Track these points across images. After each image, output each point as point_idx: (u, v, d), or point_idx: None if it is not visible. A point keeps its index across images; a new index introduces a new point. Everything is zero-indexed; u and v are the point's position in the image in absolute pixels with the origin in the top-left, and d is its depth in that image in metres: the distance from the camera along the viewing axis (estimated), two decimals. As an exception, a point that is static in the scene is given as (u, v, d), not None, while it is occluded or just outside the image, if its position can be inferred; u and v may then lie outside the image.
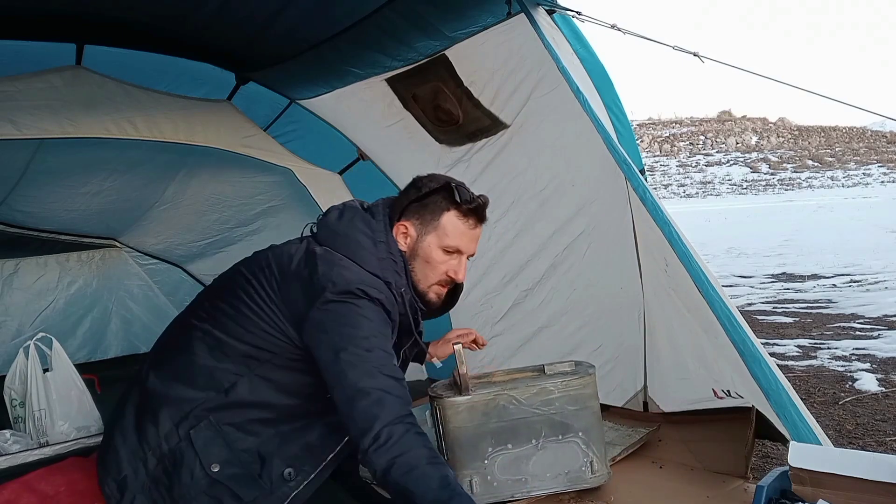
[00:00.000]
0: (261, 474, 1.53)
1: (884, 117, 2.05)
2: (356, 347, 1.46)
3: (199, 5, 2.30)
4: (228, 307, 1.62)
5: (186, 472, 1.50)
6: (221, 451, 1.52)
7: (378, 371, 1.45)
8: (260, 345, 1.56)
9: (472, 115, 2.61)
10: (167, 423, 1.53)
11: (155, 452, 1.53)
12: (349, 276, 1.54)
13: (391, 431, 1.37)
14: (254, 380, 1.55)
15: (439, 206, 1.69)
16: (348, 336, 1.47)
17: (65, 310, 3.84)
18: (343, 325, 1.48)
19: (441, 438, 1.94)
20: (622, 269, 2.52)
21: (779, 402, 1.61)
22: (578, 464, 1.92)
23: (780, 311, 6.09)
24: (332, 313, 1.49)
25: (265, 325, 1.56)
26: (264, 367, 1.56)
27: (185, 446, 1.51)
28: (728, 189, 66.83)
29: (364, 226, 1.65)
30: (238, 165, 3.14)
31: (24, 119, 2.40)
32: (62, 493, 1.89)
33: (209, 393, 1.54)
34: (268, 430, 1.55)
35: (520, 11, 2.06)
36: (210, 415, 1.53)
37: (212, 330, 1.60)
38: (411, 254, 1.68)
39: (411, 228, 1.68)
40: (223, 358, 1.57)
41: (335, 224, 1.67)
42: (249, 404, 1.55)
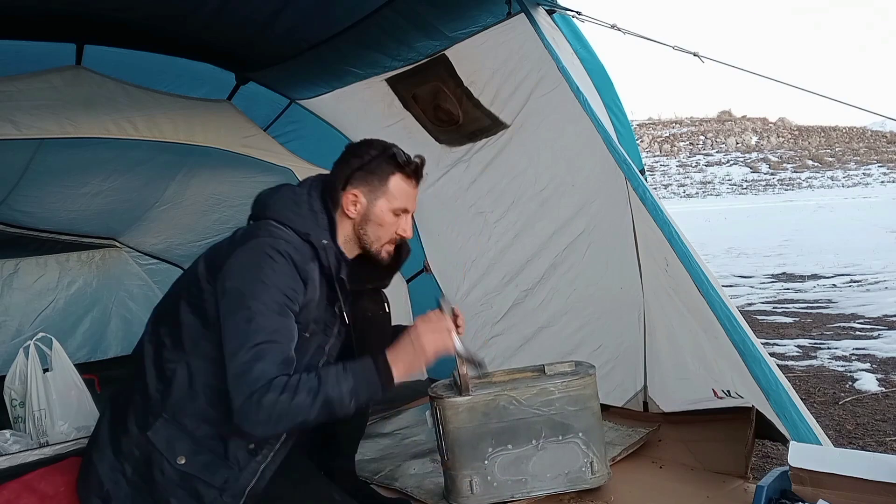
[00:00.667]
0: (226, 455, 1.56)
1: (884, 117, 2.05)
2: (238, 319, 1.49)
3: (199, 5, 2.30)
4: (168, 301, 1.68)
5: (157, 471, 1.54)
6: (185, 443, 1.54)
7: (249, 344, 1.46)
8: (191, 321, 1.58)
9: (472, 115, 2.61)
10: (134, 429, 1.57)
11: (130, 461, 1.56)
12: (258, 234, 1.61)
13: (249, 405, 1.42)
14: (192, 360, 1.57)
15: (385, 171, 1.75)
16: (236, 304, 1.50)
17: (65, 310, 3.84)
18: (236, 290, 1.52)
19: (441, 438, 1.94)
20: (622, 269, 2.52)
21: (779, 402, 1.61)
22: (578, 464, 1.92)
23: (780, 311, 6.08)
24: (236, 263, 1.55)
25: (195, 298, 1.59)
26: (199, 343, 1.57)
27: (151, 448, 1.54)
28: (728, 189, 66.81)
29: (288, 192, 1.75)
30: (238, 165, 3.13)
31: (24, 119, 2.40)
32: (62, 493, 1.89)
33: (158, 387, 1.57)
34: (220, 411, 1.55)
35: (520, 11, 2.06)
36: (163, 411, 1.55)
37: (156, 328, 1.65)
38: (363, 219, 1.74)
39: (360, 196, 1.74)
40: (164, 348, 1.60)
41: (264, 197, 1.77)
42: (195, 389, 1.56)
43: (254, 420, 1.43)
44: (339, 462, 2.08)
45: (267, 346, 1.47)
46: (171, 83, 2.90)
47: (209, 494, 1.55)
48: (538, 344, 2.87)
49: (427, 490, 2.09)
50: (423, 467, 2.27)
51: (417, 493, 2.08)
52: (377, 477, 2.25)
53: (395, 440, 2.63)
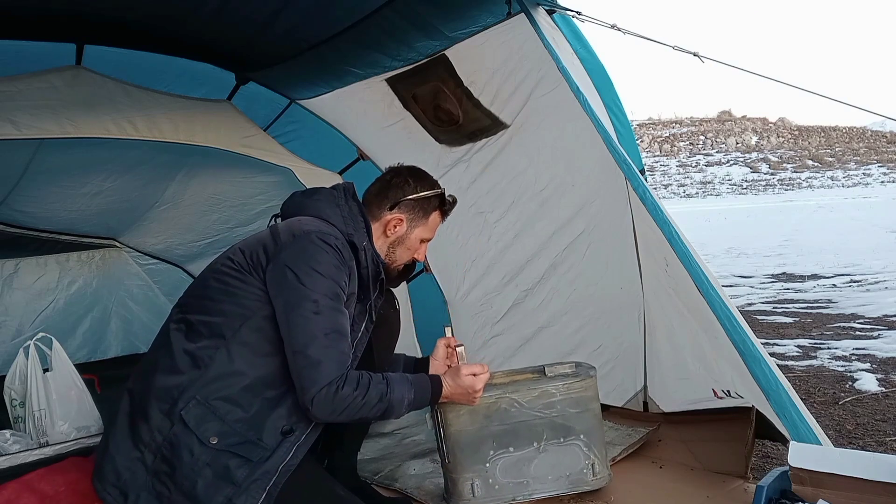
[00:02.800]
0: (260, 438, 1.58)
1: (884, 117, 2.05)
2: (304, 310, 1.57)
3: (199, 5, 2.30)
4: (199, 291, 1.72)
5: (185, 451, 1.53)
6: (215, 425, 1.55)
7: (321, 335, 1.56)
8: (232, 311, 1.62)
9: (472, 115, 2.61)
10: (157, 415, 1.57)
11: (150, 448, 1.56)
12: (305, 227, 1.69)
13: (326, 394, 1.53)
14: (231, 347, 1.59)
15: (431, 206, 1.93)
16: (300, 294, 1.58)
17: (65, 310, 3.83)
18: (305, 262, 1.60)
19: (442, 441, 1.94)
20: (622, 269, 2.52)
21: (779, 402, 1.61)
22: (580, 466, 1.92)
23: (780, 311, 6.08)
24: (294, 252, 1.62)
25: (234, 289, 1.64)
26: (240, 333, 1.60)
27: (180, 429, 1.55)
28: (728, 189, 66.79)
29: (327, 194, 1.84)
30: (238, 165, 3.13)
31: (24, 119, 2.39)
32: (62, 493, 1.89)
33: (192, 373, 1.58)
34: (256, 398, 1.59)
35: (520, 11, 2.06)
36: (196, 393, 1.56)
37: (185, 317, 1.68)
38: (398, 241, 1.89)
39: (404, 221, 1.89)
40: (199, 338, 1.62)
41: (299, 198, 1.87)
42: (231, 374, 1.58)
43: (326, 409, 1.55)
44: (341, 459, 2.08)
45: (335, 338, 1.59)
46: (171, 83, 2.90)
47: (240, 473, 1.54)
48: (538, 344, 2.86)
49: (427, 490, 2.09)
50: (423, 467, 2.27)
51: (417, 493, 2.08)
52: (377, 477, 2.25)
53: (395, 440, 2.63)
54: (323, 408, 1.54)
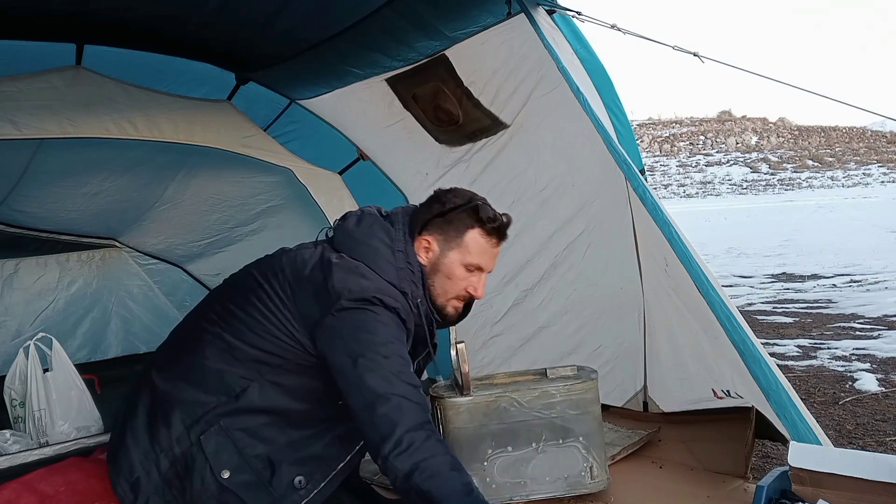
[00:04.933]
0: (271, 481, 1.53)
1: (884, 117, 2.05)
2: (374, 353, 1.45)
3: (200, 5, 2.30)
4: (239, 311, 1.61)
5: (197, 477, 1.51)
6: (232, 458, 1.51)
7: (397, 377, 1.44)
8: (271, 350, 1.56)
9: (472, 115, 2.61)
10: (179, 426, 1.53)
11: (167, 455, 1.53)
12: (365, 284, 1.53)
13: (413, 437, 1.36)
14: (265, 385, 1.55)
15: (464, 223, 1.66)
16: (366, 342, 1.47)
17: (65, 310, 3.84)
18: (360, 331, 1.48)
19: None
20: (622, 269, 2.52)
21: (779, 402, 1.61)
22: (578, 468, 1.92)
23: (780, 311, 6.08)
24: (349, 319, 1.49)
25: (277, 330, 1.56)
26: (275, 371, 1.56)
27: (196, 451, 1.51)
28: (728, 189, 66.82)
29: (383, 234, 1.64)
30: (238, 165, 3.13)
31: (24, 119, 2.39)
32: (62, 493, 1.89)
33: (220, 397, 1.54)
34: (279, 436, 1.55)
35: (520, 11, 2.06)
36: (220, 420, 1.52)
37: (222, 333, 1.59)
38: (432, 268, 1.67)
39: (434, 244, 1.67)
40: (234, 362, 1.56)
41: (353, 230, 1.66)
42: (260, 410, 1.55)
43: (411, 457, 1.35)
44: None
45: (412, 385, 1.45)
46: (171, 83, 2.90)
47: None
48: (538, 344, 2.86)
49: (427, 490, 2.09)
50: (423, 467, 2.27)
51: (417, 493, 2.08)
52: (377, 477, 2.25)
53: (395, 440, 2.63)
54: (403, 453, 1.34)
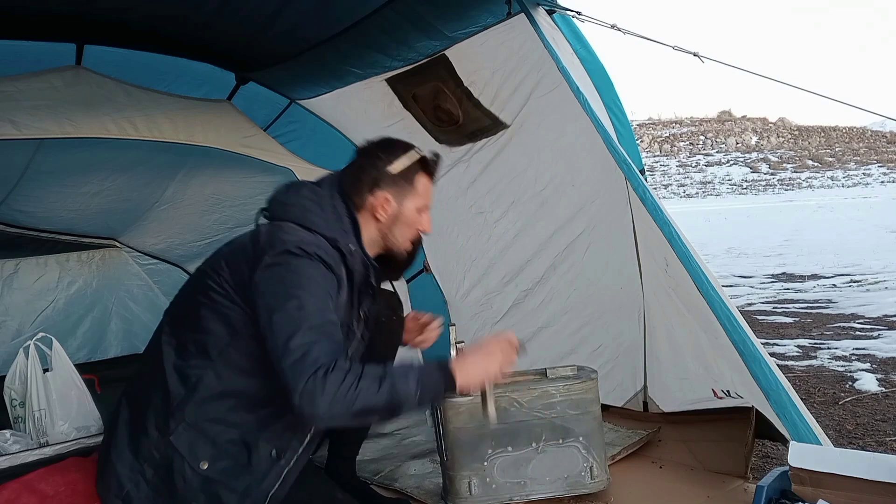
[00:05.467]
0: (250, 461, 1.55)
1: (884, 117, 2.05)
2: (287, 308, 1.46)
3: (200, 5, 2.30)
4: (186, 308, 1.66)
5: (178, 476, 1.52)
6: (207, 449, 1.53)
7: (305, 327, 1.43)
8: (216, 329, 1.56)
9: (472, 115, 2.61)
10: (154, 432, 1.55)
11: (150, 462, 1.55)
12: (286, 237, 1.56)
13: (314, 383, 1.37)
14: (219, 368, 1.55)
15: (412, 172, 1.75)
16: (282, 296, 1.47)
17: (65, 310, 3.83)
18: (278, 285, 1.50)
19: (441, 438, 1.94)
20: (622, 269, 2.52)
21: (779, 402, 1.61)
22: (578, 469, 1.92)
23: (780, 311, 6.08)
24: (269, 275, 1.52)
25: (220, 307, 1.57)
26: (226, 351, 1.56)
27: (171, 451, 1.53)
28: (728, 189, 66.81)
29: (310, 192, 1.71)
30: (238, 165, 3.13)
31: (24, 119, 2.39)
32: (62, 494, 1.89)
33: (182, 394, 1.55)
34: (246, 417, 1.56)
35: (520, 11, 2.06)
36: (186, 416, 1.54)
37: (174, 331, 1.64)
38: (393, 220, 1.73)
39: (391, 199, 1.72)
40: (188, 356, 1.58)
41: (282, 196, 1.73)
42: (221, 395, 1.55)
43: (318, 401, 1.35)
44: (340, 462, 2.08)
45: (323, 331, 1.44)
46: (171, 83, 2.90)
47: (231, 499, 1.53)
48: (538, 344, 2.86)
49: (427, 490, 2.09)
50: (422, 468, 2.27)
51: (417, 493, 2.08)
52: (377, 477, 2.25)
53: (395, 440, 2.63)
54: (314, 400, 1.35)
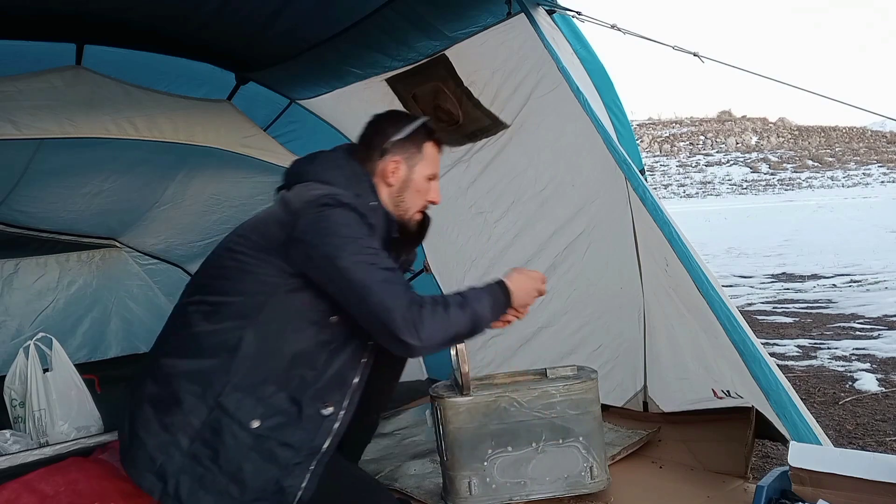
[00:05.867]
0: (300, 417, 1.55)
1: (884, 117, 2.05)
2: (348, 251, 1.52)
3: (199, 5, 2.30)
4: (214, 272, 1.66)
5: (229, 436, 1.50)
6: (256, 408, 1.52)
7: (376, 266, 1.52)
8: (253, 290, 1.57)
9: (472, 115, 2.61)
10: (190, 399, 1.52)
11: (185, 432, 1.51)
12: (318, 192, 1.62)
13: (412, 314, 1.48)
14: (258, 328, 1.55)
15: (420, 139, 1.82)
16: (336, 243, 1.53)
17: (65, 310, 3.83)
18: (327, 235, 1.54)
19: (441, 439, 1.94)
20: (622, 269, 2.52)
21: (779, 402, 1.61)
22: (578, 469, 1.92)
23: (780, 311, 6.08)
24: (314, 228, 1.55)
25: (252, 267, 1.58)
26: (264, 312, 1.56)
27: (219, 414, 1.50)
28: (728, 189, 66.84)
29: (326, 157, 1.80)
30: (238, 165, 3.13)
31: (24, 119, 2.39)
32: (62, 493, 1.89)
33: (222, 357, 1.54)
34: (291, 375, 1.55)
35: (520, 11, 2.06)
36: (232, 377, 1.52)
37: (204, 298, 1.62)
38: (402, 185, 1.80)
39: (402, 163, 1.80)
40: (222, 319, 1.57)
41: (300, 165, 1.82)
42: (264, 353, 1.55)
43: (419, 331, 1.47)
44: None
45: (389, 268, 1.53)
46: (171, 83, 2.90)
47: (286, 454, 1.52)
48: (538, 344, 2.86)
49: (427, 490, 2.09)
50: (422, 468, 2.27)
51: (417, 493, 2.08)
52: (377, 477, 2.25)
53: (395, 440, 2.63)
54: (414, 331, 1.46)
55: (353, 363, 1.66)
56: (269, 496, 1.51)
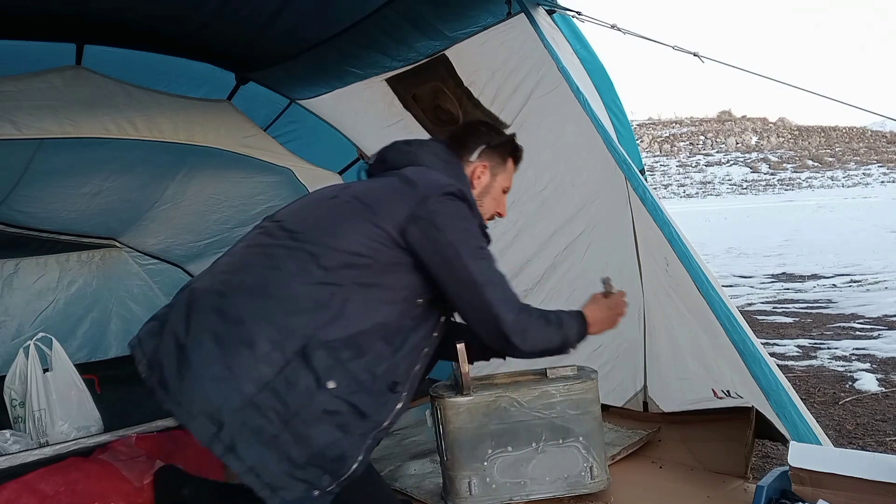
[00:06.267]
0: (373, 388, 1.52)
1: (884, 117, 2.05)
2: (471, 245, 1.58)
3: (199, 5, 2.30)
4: (316, 223, 1.62)
5: (303, 391, 1.44)
6: (335, 369, 1.47)
7: (493, 266, 1.59)
8: (358, 250, 1.54)
9: (472, 115, 2.61)
10: (265, 346, 1.44)
11: (252, 378, 1.42)
12: (445, 180, 1.66)
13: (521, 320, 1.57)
14: (356, 291, 1.53)
15: (506, 152, 1.88)
16: (462, 236, 1.58)
17: (65, 310, 3.84)
18: (456, 224, 1.58)
19: (441, 439, 1.94)
20: (622, 269, 2.52)
21: (779, 402, 1.61)
22: (578, 469, 1.92)
23: (780, 311, 6.08)
24: (442, 212, 1.58)
25: (362, 230, 1.56)
26: (365, 274, 1.54)
27: (298, 366, 1.45)
28: (728, 189, 66.84)
29: (429, 148, 1.81)
30: (238, 165, 3.13)
31: (24, 119, 2.39)
32: (62, 494, 1.89)
33: (314, 312, 1.49)
34: (372, 345, 1.53)
35: (520, 11, 2.06)
36: (319, 333, 1.47)
37: (301, 246, 1.57)
38: (483, 191, 1.85)
39: (487, 169, 1.85)
40: (320, 272, 1.53)
41: (406, 147, 1.81)
42: (352, 317, 1.51)
43: (526, 336, 1.57)
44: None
45: (501, 272, 1.60)
46: (171, 83, 2.90)
47: (352, 423, 1.49)
48: (538, 344, 2.86)
49: (427, 490, 2.09)
50: (422, 468, 2.27)
51: (417, 493, 2.08)
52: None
53: (395, 440, 2.63)
54: (522, 335, 1.56)
55: (419, 349, 1.66)
56: (326, 463, 1.45)
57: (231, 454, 1.40)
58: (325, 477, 1.45)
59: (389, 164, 1.77)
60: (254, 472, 1.40)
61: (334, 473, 1.47)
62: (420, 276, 1.59)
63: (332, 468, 1.46)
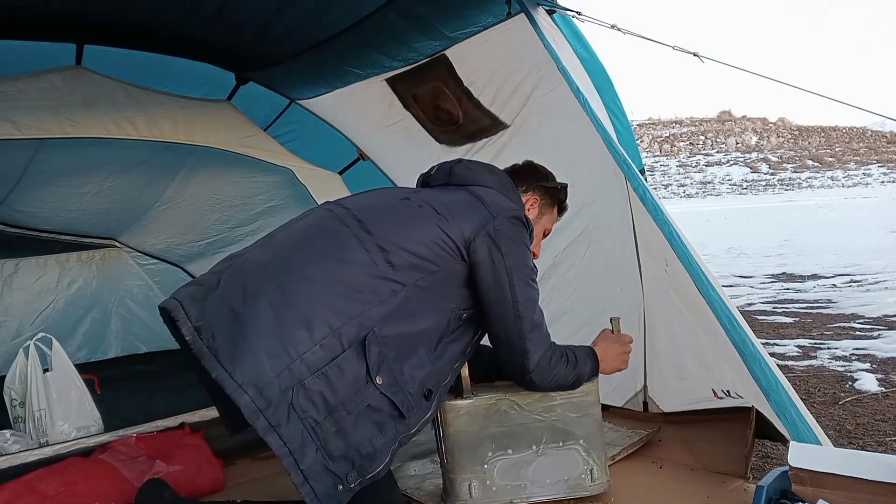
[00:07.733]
0: (410, 392, 1.53)
1: (884, 117, 2.05)
2: (526, 276, 1.66)
3: (200, 5, 2.30)
4: (389, 218, 1.65)
5: (352, 382, 1.44)
6: (383, 365, 1.48)
7: (536, 298, 1.68)
8: (426, 255, 1.58)
9: (472, 115, 2.61)
10: (323, 329, 1.43)
11: (305, 360, 1.41)
12: (509, 205, 1.74)
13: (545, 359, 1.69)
14: (416, 292, 1.56)
15: (555, 198, 2.00)
16: (520, 261, 1.65)
17: (65, 310, 3.83)
18: (516, 245, 1.67)
19: (441, 441, 1.94)
20: (622, 269, 2.52)
21: (779, 402, 1.60)
22: (578, 471, 1.92)
23: (780, 311, 6.08)
24: (508, 233, 1.66)
25: (432, 234, 1.61)
26: (427, 278, 1.58)
27: (353, 356, 1.44)
28: (728, 189, 66.86)
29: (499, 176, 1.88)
30: (238, 165, 3.13)
31: (24, 119, 2.39)
32: (62, 494, 1.89)
33: (375, 305, 1.49)
34: (416, 348, 1.56)
35: (520, 11, 2.06)
36: (375, 326, 1.48)
37: (370, 237, 1.58)
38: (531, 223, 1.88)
39: (537, 204, 1.94)
40: (387, 268, 1.54)
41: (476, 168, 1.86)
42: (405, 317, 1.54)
43: (546, 375, 1.70)
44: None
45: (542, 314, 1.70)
46: (171, 83, 2.90)
47: (389, 423, 1.50)
48: (538, 344, 2.86)
49: (427, 491, 2.09)
50: (422, 468, 2.27)
51: (417, 494, 2.08)
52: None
53: (395, 440, 2.63)
54: (543, 373, 1.68)
55: (452, 362, 1.70)
56: (358, 459, 1.45)
57: (273, 434, 1.37)
58: (352, 473, 1.45)
59: (455, 179, 1.84)
60: (292, 457, 1.38)
61: (362, 471, 1.47)
62: (469, 291, 1.66)
63: (362, 465, 1.47)
